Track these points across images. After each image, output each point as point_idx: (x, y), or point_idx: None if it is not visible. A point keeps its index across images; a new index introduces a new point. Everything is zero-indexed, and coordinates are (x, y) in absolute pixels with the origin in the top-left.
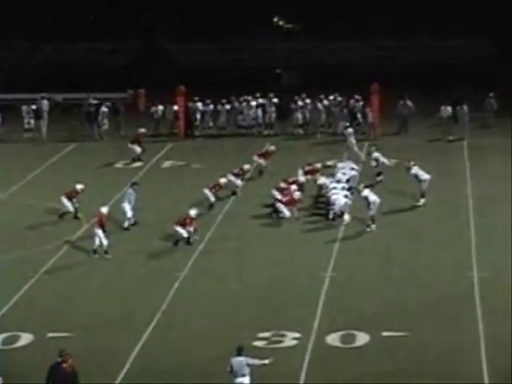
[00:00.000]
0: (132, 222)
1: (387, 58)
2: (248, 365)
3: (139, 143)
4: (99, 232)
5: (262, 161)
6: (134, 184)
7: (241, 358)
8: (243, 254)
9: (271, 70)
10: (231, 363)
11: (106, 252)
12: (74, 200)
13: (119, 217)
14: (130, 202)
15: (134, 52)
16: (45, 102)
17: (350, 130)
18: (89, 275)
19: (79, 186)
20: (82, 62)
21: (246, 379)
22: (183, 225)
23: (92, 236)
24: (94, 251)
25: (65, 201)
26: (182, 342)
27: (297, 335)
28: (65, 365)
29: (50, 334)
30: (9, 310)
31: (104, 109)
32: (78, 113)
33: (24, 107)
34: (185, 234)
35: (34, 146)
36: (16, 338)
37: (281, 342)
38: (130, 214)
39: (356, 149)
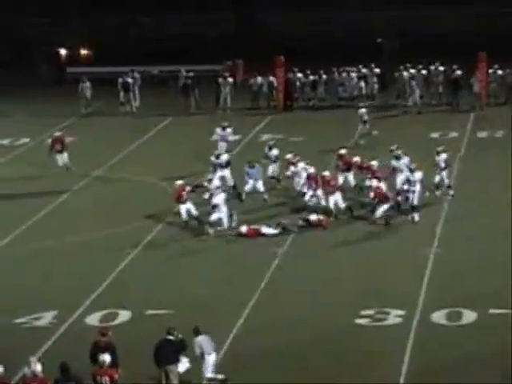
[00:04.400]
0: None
1: (488, 25)
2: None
3: (59, 151)
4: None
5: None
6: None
7: (203, 336)
8: (344, 232)
9: (372, 39)
10: (200, 343)
11: None
12: None
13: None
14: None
15: (231, 23)
16: (136, 76)
17: None
18: (186, 252)
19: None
20: (178, 34)
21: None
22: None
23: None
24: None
25: None
26: (282, 322)
27: (401, 312)
28: (103, 338)
29: (149, 312)
30: (107, 287)
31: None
32: (174, 86)
33: (119, 80)
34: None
35: (130, 120)
36: (115, 316)
37: (384, 319)
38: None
39: None
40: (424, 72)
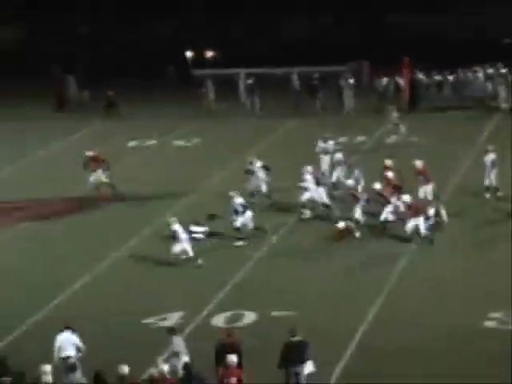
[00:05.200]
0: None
1: None
2: None
3: (93, 170)
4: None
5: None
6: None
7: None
8: (471, 231)
9: (500, 39)
10: (176, 343)
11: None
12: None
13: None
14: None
15: (356, 25)
16: (241, 77)
17: None
18: (309, 254)
19: None
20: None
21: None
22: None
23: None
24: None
25: None
26: (407, 322)
27: None
28: (229, 339)
29: (274, 313)
30: (232, 288)
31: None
32: (296, 86)
33: (242, 82)
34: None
35: (253, 121)
36: (240, 317)
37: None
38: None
39: None
40: None
